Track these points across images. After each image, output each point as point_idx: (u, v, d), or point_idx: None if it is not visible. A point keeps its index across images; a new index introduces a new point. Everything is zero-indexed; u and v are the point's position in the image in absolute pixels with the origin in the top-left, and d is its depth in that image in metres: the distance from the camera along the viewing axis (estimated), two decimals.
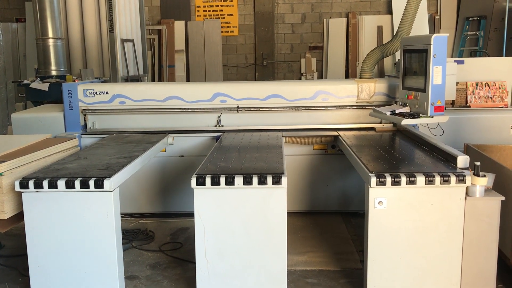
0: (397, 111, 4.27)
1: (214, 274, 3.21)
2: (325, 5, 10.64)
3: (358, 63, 10.06)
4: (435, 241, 3.12)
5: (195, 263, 3.23)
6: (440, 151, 3.58)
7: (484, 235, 3.10)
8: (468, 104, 5.25)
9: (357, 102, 4.85)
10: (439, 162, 3.37)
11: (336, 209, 4.95)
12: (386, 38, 9.81)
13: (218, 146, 4.15)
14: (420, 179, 3.04)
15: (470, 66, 5.31)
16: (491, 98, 5.23)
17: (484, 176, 3.05)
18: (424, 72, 3.97)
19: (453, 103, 5.24)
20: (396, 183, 3.05)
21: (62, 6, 7.59)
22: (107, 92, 4.88)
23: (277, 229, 3.16)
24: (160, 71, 10.32)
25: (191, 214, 3.25)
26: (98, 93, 4.87)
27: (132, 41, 7.79)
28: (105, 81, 6.57)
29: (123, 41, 7.32)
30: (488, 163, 3.78)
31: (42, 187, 3.11)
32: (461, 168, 3.18)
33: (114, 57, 7.16)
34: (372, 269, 3.18)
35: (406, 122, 4.08)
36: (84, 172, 3.27)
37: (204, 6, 10.73)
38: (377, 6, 10.59)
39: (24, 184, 3.12)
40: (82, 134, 4.86)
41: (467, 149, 4.36)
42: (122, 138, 4.60)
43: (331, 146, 4.78)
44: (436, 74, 3.90)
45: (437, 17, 10.40)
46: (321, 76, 10.69)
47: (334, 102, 4.85)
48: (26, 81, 6.50)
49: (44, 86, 6.13)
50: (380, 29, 10.12)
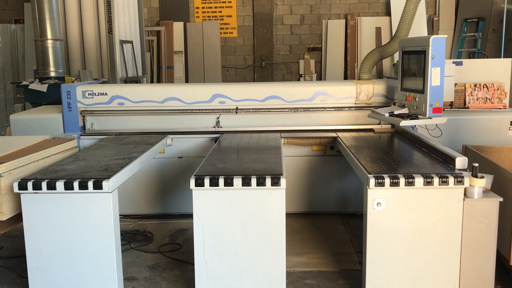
0: (396, 113, 4.27)
1: (213, 275, 3.21)
2: (324, 7, 10.64)
3: (357, 65, 10.06)
4: (434, 242, 3.13)
5: (194, 264, 3.23)
6: (439, 152, 3.59)
7: (482, 236, 3.11)
8: (467, 106, 5.26)
9: (356, 104, 4.86)
10: (438, 163, 3.38)
11: (335, 210, 4.95)
12: (385, 40, 9.81)
13: (217, 147, 4.16)
14: (419, 180, 3.05)
15: (469, 68, 5.31)
16: (490, 100, 5.24)
17: (483, 177, 3.05)
18: (423, 74, 3.98)
19: (452, 105, 5.24)
20: (395, 184, 3.05)
21: (61, 7, 7.60)
22: (106, 93, 4.88)
23: (276, 230, 3.16)
24: (159, 72, 10.31)
25: (190, 215, 3.25)
26: (97, 94, 4.88)
27: (131, 42, 7.79)
28: (104, 82, 6.56)
29: (122, 42, 7.32)
30: (487, 165, 3.79)
31: (41, 188, 3.11)
32: (460, 170, 3.19)
33: (113, 59, 7.15)
34: (371, 270, 3.18)
35: (405, 123, 4.09)
36: (83, 173, 3.27)
37: (203, 8, 10.73)
38: (376, 8, 10.60)
39: (23, 185, 3.12)
40: (81, 135, 4.86)
41: (466, 151, 4.37)
42: (121, 139, 4.60)
43: (330, 147, 4.79)
44: (435, 76, 3.91)
45: (436, 19, 10.41)
46: (320, 78, 10.68)
47: (333, 104, 4.86)
48: (25, 82, 6.51)
49: (43, 87, 6.13)
50: (379, 31, 10.12)
